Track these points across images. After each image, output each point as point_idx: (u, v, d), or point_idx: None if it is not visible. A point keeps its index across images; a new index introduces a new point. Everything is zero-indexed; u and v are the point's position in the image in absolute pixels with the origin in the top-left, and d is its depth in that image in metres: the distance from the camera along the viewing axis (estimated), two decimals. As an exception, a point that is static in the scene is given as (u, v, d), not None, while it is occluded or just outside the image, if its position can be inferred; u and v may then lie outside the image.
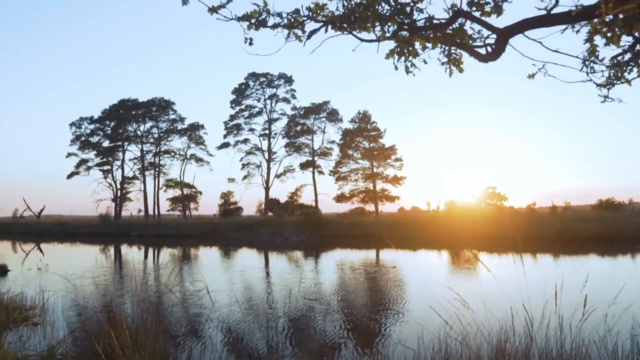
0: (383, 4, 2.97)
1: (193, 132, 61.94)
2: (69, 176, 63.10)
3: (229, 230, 40.26)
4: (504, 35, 2.88)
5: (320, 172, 55.72)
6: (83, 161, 62.82)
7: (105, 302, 10.19)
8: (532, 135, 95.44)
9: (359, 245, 28.64)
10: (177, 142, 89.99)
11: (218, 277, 15.08)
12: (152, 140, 62.85)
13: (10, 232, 53.92)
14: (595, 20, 2.55)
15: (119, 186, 62.81)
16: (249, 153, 58.10)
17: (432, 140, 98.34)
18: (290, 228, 36.63)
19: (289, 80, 57.55)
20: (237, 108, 58.42)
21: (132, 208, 71.50)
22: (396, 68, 3.31)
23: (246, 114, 58.17)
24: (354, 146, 53.46)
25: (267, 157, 57.50)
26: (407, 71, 3.31)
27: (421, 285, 12.79)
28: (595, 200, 38.34)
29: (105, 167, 63.14)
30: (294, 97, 57.82)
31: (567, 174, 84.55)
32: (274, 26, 3.10)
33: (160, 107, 61.93)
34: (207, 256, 25.23)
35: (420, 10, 3.06)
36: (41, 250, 30.92)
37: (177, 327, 7.80)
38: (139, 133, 62.80)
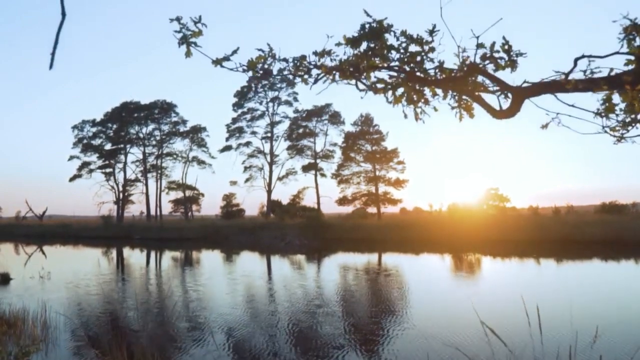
0: (393, 52, 2.91)
1: (195, 134, 61.85)
2: (71, 179, 63.23)
3: (232, 233, 40.18)
4: (520, 96, 2.80)
5: (323, 175, 55.62)
6: (85, 164, 62.90)
7: (107, 318, 10.17)
8: (533, 137, 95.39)
9: (361, 249, 28.56)
10: (179, 145, 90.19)
11: (221, 287, 14.97)
12: (154, 142, 62.83)
13: (12, 233, 53.97)
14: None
15: (121, 188, 62.86)
16: (251, 156, 58.04)
17: (434, 144, 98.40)
18: (293, 231, 36.52)
19: (290, 83, 57.42)
20: (239, 111, 58.35)
21: (134, 210, 71.52)
22: (405, 116, 3.22)
23: (248, 116, 58.09)
24: (356, 149, 53.34)
25: (269, 159, 57.41)
26: (417, 118, 3.23)
27: (419, 297, 12.69)
28: (596, 201, 38.25)
29: (108, 170, 63.20)
30: (296, 99, 57.68)
31: (568, 177, 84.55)
32: (280, 72, 3.02)
33: (162, 109, 61.89)
34: (210, 261, 25.15)
35: (431, 60, 2.98)
36: (44, 253, 30.97)
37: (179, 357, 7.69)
38: (141, 135, 62.82)
